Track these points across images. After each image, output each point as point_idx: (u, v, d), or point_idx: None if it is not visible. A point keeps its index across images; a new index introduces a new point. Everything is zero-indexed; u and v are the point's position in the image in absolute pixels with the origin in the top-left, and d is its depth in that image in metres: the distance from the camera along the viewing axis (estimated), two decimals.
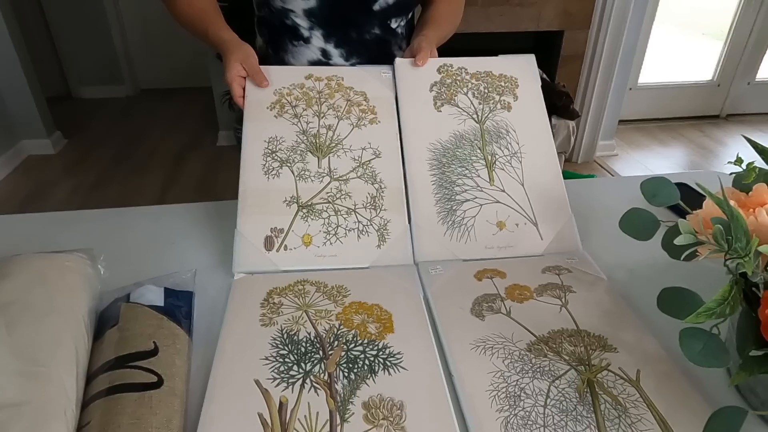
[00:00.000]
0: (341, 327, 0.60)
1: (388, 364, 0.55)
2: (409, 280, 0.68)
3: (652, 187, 0.65)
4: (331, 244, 0.72)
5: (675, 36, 3.32)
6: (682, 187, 0.68)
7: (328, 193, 0.74)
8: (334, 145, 0.78)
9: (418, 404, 0.50)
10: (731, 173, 0.62)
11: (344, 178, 0.76)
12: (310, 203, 0.74)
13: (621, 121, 3.21)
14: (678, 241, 0.50)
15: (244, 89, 0.81)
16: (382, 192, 0.75)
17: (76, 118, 3.40)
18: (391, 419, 0.49)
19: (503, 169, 0.79)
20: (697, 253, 0.53)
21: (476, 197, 0.77)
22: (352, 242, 0.72)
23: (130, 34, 3.74)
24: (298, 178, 0.75)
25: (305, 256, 0.71)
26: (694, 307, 0.46)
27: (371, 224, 0.73)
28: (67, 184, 2.65)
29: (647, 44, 3.12)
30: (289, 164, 0.76)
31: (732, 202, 0.55)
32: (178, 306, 0.61)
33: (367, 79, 0.84)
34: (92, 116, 3.51)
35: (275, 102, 0.80)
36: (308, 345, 0.57)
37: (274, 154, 0.77)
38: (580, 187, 0.97)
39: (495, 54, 2.59)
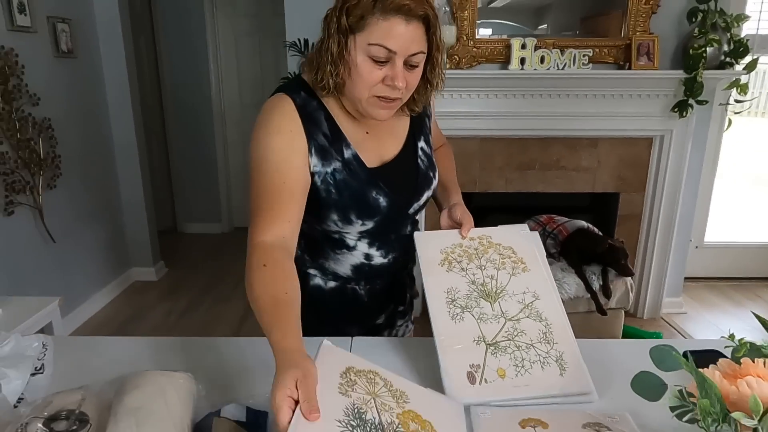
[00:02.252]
0: (399, 426, 0.68)
1: None
2: (457, 414, 0.78)
3: (660, 354, 0.75)
4: (521, 375, 0.84)
5: (746, 193, 3.36)
6: (712, 353, 0.76)
7: (506, 332, 0.89)
8: (500, 291, 0.94)
9: None
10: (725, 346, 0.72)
11: (516, 318, 0.90)
12: (495, 341, 0.88)
13: (689, 279, 3.19)
14: (670, 402, 0.61)
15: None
16: (550, 328, 0.90)
17: (177, 250, 3.89)
18: None
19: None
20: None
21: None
22: (538, 372, 0.84)
23: (233, 180, 4.37)
24: (479, 321, 0.90)
25: (504, 388, 0.82)
26: None
27: (549, 356, 0.86)
28: (162, 309, 2.99)
29: (710, 203, 3.21)
30: (469, 309, 0.91)
31: (717, 373, 0.65)
32: (257, 422, 0.77)
33: (511, 236, 1.02)
34: (191, 248, 4.01)
35: (443, 259, 0.98)
36: (372, 428, 0.65)
37: (454, 302, 0.92)
38: (636, 347, 1.01)
39: (551, 211, 2.80)
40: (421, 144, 1.05)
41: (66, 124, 2.62)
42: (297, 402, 0.62)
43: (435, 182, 1.06)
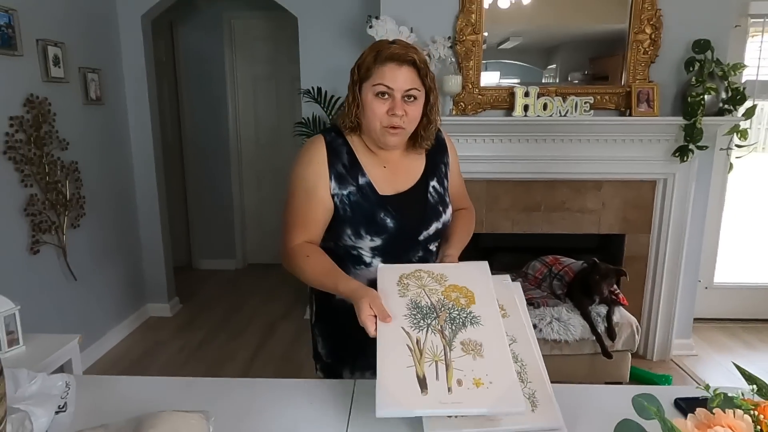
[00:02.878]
0: (444, 299, 0.98)
1: (474, 322, 0.94)
2: (483, 273, 1.06)
3: (641, 403, 0.80)
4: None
5: (755, 232, 3.36)
6: (704, 401, 0.80)
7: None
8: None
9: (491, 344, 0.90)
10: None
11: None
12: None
13: (700, 320, 3.18)
14: None
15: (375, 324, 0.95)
16: (525, 368, 0.94)
17: (192, 286, 3.98)
18: (475, 350, 0.88)
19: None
20: None
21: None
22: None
23: (248, 218, 4.49)
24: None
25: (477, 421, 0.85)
26: None
27: (522, 393, 0.86)
28: (176, 344, 3.06)
29: (718, 243, 3.22)
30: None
31: (689, 423, 0.70)
32: None
33: (495, 285, 1.05)
34: (205, 285, 4.09)
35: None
36: (427, 310, 0.96)
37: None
38: (623, 393, 1.04)
39: (559, 252, 2.84)
40: (434, 183, 1.24)
41: (91, 167, 2.77)
42: (375, 316, 0.94)
43: (445, 217, 1.24)
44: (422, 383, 0.84)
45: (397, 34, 2.44)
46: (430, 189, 1.23)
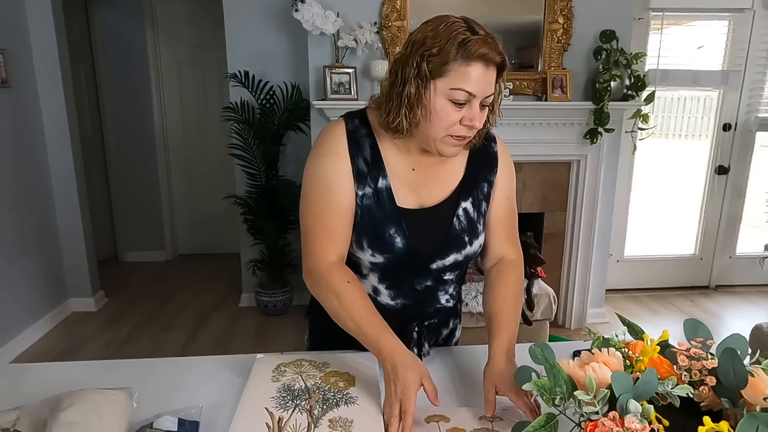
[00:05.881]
0: (322, 383, 0.92)
1: (349, 401, 0.87)
2: (371, 367, 0.95)
3: (534, 351, 0.89)
4: None
5: (660, 209, 3.69)
6: None
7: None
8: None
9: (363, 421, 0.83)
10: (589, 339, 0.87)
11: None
12: None
13: (612, 290, 3.46)
14: (525, 387, 0.74)
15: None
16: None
17: (118, 279, 3.82)
18: (343, 427, 0.81)
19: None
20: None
21: None
22: None
23: (177, 207, 4.35)
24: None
25: None
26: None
27: None
28: (102, 339, 2.94)
29: (627, 219, 3.50)
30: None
31: (571, 362, 0.79)
32: (188, 431, 0.85)
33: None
34: (132, 277, 3.94)
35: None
36: (299, 392, 0.89)
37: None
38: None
39: None
40: (466, 204, 1.01)
41: None
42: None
43: (470, 249, 1.02)
44: None
45: (324, 19, 2.46)
46: (460, 211, 1.00)
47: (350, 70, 2.58)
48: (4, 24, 2.68)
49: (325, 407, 0.86)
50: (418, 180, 1.00)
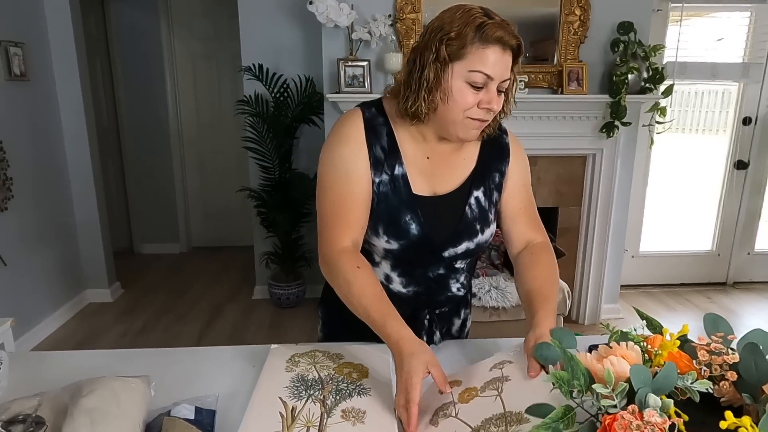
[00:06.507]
0: (335, 374, 0.92)
1: (361, 392, 0.88)
2: (383, 357, 0.95)
3: (545, 348, 0.87)
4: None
5: (677, 205, 3.64)
6: None
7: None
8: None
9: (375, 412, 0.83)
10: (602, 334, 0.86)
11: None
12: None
13: (627, 286, 3.42)
14: (543, 379, 0.73)
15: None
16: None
17: (133, 271, 3.87)
18: (356, 417, 0.82)
19: None
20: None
21: None
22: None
23: (192, 200, 4.39)
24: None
25: None
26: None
27: None
28: (117, 330, 2.98)
29: (643, 215, 3.46)
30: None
31: (589, 355, 0.78)
32: (204, 420, 0.86)
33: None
34: (148, 269, 3.99)
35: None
36: (312, 382, 0.91)
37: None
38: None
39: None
40: (478, 193, 1.03)
41: (18, 147, 2.63)
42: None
43: (482, 237, 1.03)
44: None
45: (338, 11, 2.45)
46: (471, 200, 1.02)
47: (364, 63, 2.57)
48: (23, 18, 2.72)
49: (338, 398, 0.87)
50: (432, 168, 1.02)
